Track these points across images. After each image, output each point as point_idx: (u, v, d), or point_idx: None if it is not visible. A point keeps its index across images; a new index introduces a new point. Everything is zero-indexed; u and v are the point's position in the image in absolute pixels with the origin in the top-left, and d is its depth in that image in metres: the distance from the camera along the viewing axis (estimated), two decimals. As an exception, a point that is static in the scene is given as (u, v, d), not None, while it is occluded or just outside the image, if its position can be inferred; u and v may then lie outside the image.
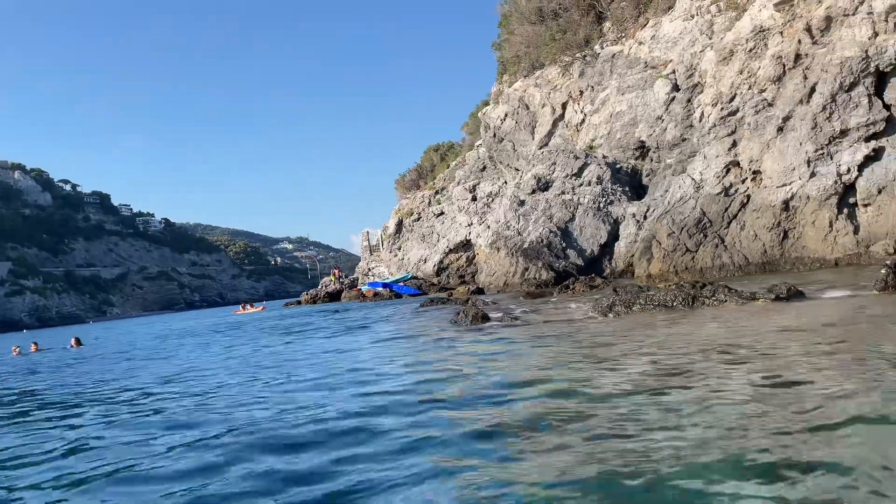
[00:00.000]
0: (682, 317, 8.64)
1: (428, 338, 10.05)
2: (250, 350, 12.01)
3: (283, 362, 9.18)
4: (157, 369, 10.49)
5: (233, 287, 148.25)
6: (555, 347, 7.44)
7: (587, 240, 22.22)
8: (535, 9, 30.51)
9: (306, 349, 10.85)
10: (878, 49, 14.04)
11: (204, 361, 10.83)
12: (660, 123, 22.46)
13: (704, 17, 21.88)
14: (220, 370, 9.07)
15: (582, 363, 6.13)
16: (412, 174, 48.64)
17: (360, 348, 10.14)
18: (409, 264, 39.36)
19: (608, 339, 7.53)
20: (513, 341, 8.37)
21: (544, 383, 5.29)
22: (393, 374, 7.04)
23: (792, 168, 14.97)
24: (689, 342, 6.52)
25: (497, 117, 30.00)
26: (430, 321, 13.03)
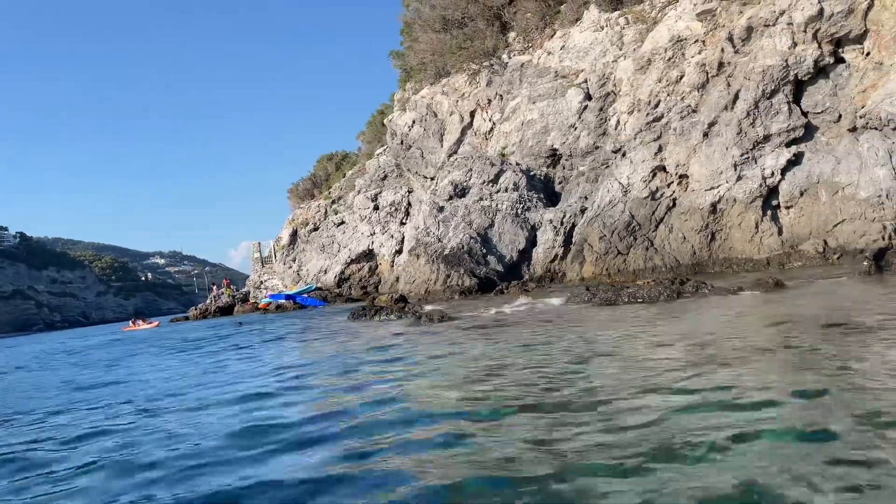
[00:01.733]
0: (681, 309, 8.40)
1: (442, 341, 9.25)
2: (212, 364, 10.70)
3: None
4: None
5: (98, 305, 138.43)
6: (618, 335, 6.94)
7: (506, 246, 22.06)
8: (440, 17, 30.32)
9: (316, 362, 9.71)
10: (798, 58, 14.71)
11: (210, 385, 9.50)
12: (573, 131, 22.73)
13: (614, 28, 22.39)
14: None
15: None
16: (306, 183, 47.13)
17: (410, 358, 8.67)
18: (307, 275, 37.93)
19: (642, 327, 7.12)
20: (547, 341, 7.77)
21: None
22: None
23: (719, 172, 15.39)
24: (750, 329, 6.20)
25: (404, 124, 29.46)
26: (390, 329, 12.17)
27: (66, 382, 9.41)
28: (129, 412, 5.87)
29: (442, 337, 8.64)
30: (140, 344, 19.18)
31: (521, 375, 5.16)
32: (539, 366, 5.43)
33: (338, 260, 36.75)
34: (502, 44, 27.87)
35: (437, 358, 6.74)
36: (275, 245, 45.78)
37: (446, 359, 6.64)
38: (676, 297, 9.05)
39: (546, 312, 9.90)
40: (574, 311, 9.52)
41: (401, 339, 9.16)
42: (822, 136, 14.80)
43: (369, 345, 8.92)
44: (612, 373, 4.87)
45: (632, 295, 9.32)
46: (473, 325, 9.67)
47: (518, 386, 4.79)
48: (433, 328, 9.94)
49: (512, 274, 21.88)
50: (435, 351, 7.27)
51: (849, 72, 14.52)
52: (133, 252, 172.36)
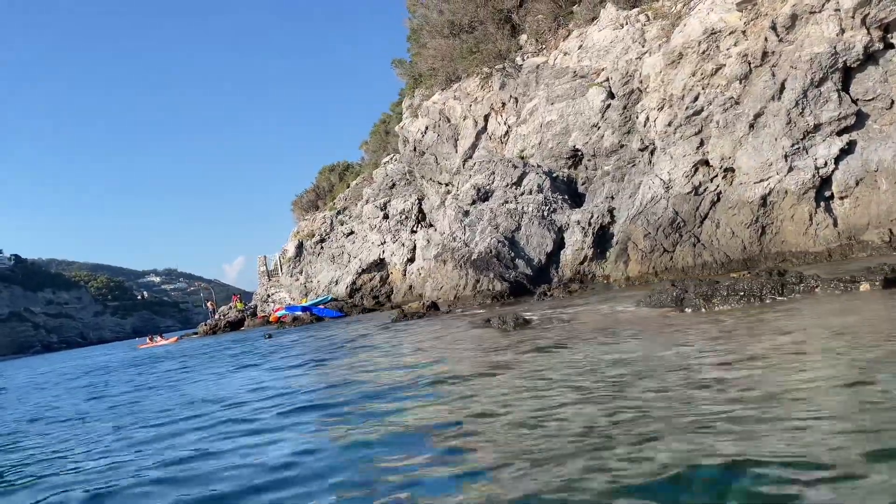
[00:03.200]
0: (806, 307, 7.63)
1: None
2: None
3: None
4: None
5: (96, 325, 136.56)
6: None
7: (534, 249, 21.31)
8: (448, 22, 29.66)
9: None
10: (847, 45, 14.11)
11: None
12: (596, 131, 22.06)
13: (635, 25, 21.78)
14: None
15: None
16: (310, 195, 46.27)
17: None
18: (318, 287, 37.05)
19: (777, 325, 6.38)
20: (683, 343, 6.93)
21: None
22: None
23: (769, 163, 14.73)
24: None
25: (417, 130, 28.72)
26: (468, 332, 11.30)
27: (183, 396, 8.56)
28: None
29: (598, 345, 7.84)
30: (180, 359, 18.22)
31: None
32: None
33: (349, 270, 35.94)
34: (514, 46, 27.22)
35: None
36: (280, 258, 44.86)
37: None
38: (781, 290, 8.31)
39: (652, 315, 9.11)
40: (687, 314, 8.74)
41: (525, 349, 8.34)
42: (875, 124, 14.19)
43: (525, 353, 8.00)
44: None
45: (730, 289, 8.57)
46: (593, 329, 8.88)
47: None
48: (543, 333, 9.12)
49: (541, 277, 21.14)
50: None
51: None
52: (128, 271, 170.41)
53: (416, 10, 32.30)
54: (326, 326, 23.92)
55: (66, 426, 7.40)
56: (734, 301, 8.48)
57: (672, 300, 9.09)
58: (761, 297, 8.37)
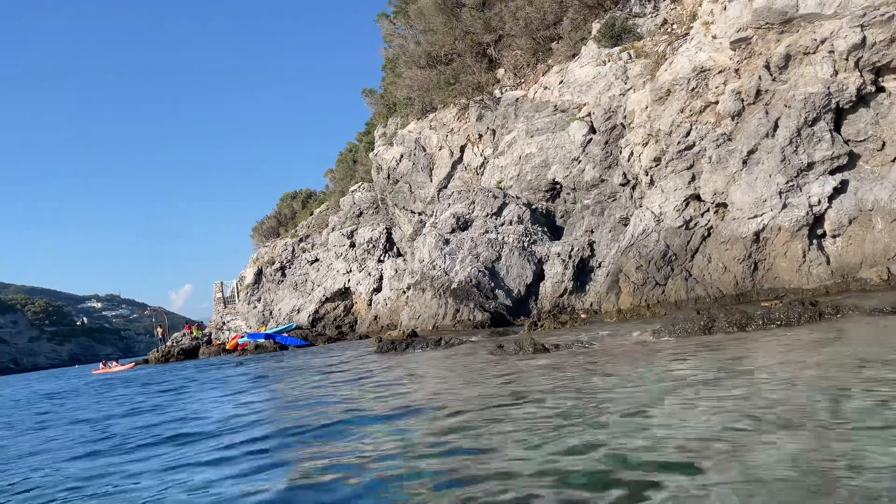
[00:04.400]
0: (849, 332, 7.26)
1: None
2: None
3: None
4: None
5: (30, 351, 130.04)
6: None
7: (513, 280, 20.86)
8: (425, 53, 29.48)
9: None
10: (840, 86, 14.23)
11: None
12: (576, 165, 21.94)
13: (617, 63, 21.88)
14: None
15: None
16: (270, 221, 45.09)
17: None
18: (279, 315, 35.82)
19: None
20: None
21: None
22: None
23: (763, 199, 14.65)
24: None
25: (391, 158, 28.20)
26: (471, 360, 10.66)
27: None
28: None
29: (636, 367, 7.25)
30: (155, 384, 16.92)
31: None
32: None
33: (312, 298, 34.92)
34: (491, 79, 27.11)
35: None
36: (238, 284, 43.41)
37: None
38: (819, 318, 7.97)
39: (683, 344, 8.62)
40: (716, 340, 8.29)
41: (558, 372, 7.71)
42: (866, 165, 14.28)
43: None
44: None
45: (766, 317, 8.19)
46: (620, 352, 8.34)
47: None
48: (566, 359, 8.53)
49: (520, 309, 20.67)
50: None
51: (890, 100, 14.10)
52: (67, 295, 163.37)
53: (392, 39, 32.09)
54: (294, 355, 22.86)
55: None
56: (772, 328, 8.08)
57: (700, 329, 8.66)
58: (799, 324, 8.00)
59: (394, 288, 31.46)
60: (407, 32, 30.97)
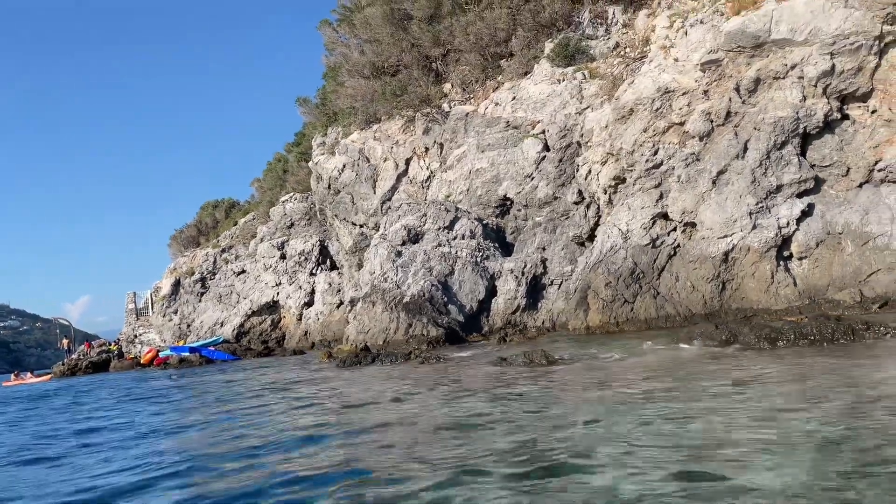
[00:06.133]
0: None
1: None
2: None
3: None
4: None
5: None
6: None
7: (466, 295, 20.05)
8: (370, 63, 28.52)
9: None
10: (808, 112, 14.35)
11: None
12: (529, 181, 21.49)
13: (572, 82, 21.69)
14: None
15: None
16: (190, 230, 42.53)
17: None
18: (200, 328, 33.53)
19: None
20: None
21: None
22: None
23: (733, 220, 14.53)
24: None
25: (333, 168, 26.94)
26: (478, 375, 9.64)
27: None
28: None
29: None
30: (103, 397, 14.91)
31: None
32: None
33: (237, 312, 32.94)
34: (438, 93, 26.45)
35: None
36: (153, 295, 40.58)
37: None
38: (851, 336, 7.56)
39: (714, 360, 8.00)
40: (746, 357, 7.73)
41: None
42: (831, 189, 14.43)
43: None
44: None
45: (797, 332, 7.72)
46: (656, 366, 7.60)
47: None
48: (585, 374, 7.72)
49: (471, 325, 19.89)
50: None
51: (854, 128, 14.34)
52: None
53: (335, 48, 30.97)
54: (223, 369, 21.13)
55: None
56: (804, 344, 7.62)
57: (721, 342, 8.11)
58: (833, 340, 7.57)
59: (327, 302, 30.04)
60: (351, 41, 29.94)
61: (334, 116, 29.84)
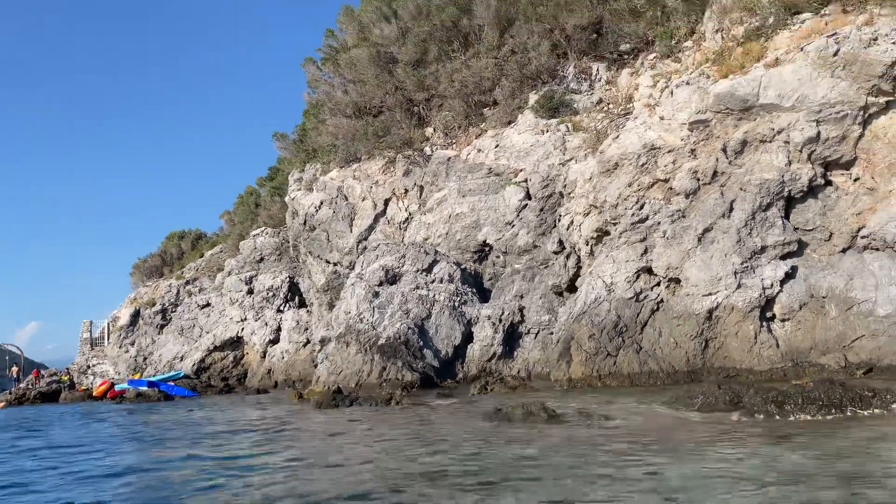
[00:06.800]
0: None
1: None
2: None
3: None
4: None
5: None
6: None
7: (442, 340, 19.63)
8: (353, 102, 28.45)
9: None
10: (793, 176, 14.54)
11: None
12: (510, 229, 21.37)
13: (556, 133, 21.82)
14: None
15: None
16: (154, 260, 41.37)
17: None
18: (158, 361, 32.29)
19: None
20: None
21: None
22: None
23: (718, 278, 14.51)
24: None
25: (310, 204, 26.51)
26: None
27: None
28: None
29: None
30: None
31: None
32: None
33: (198, 346, 31.85)
34: (420, 136, 26.42)
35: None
36: (110, 325, 39.11)
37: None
38: (860, 403, 7.39)
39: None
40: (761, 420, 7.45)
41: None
42: (814, 253, 14.55)
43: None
44: None
45: (806, 397, 7.52)
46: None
47: None
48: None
49: (446, 371, 19.44)
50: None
51: (837, 194, 14.55)
52: None
53: (318, 85, 30.84)
54: (203, 407, 20.17)
55: None
56: (812, 410, 7.41)
57: (726, 404, 7.87)
58: (841, 407, 7.38)
59: (293, 340, 29.22)
60: (335, 80, 29.87)
61: (313, 153, 29.53)
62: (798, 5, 17.10)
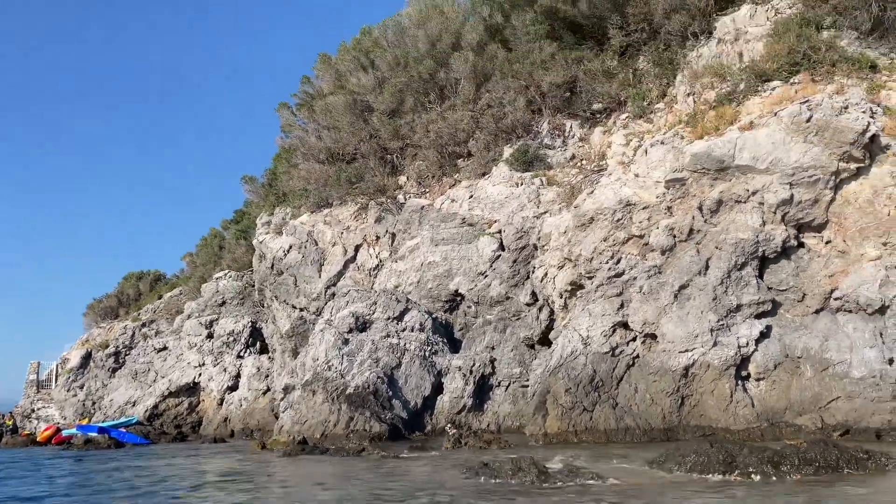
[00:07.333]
0: None
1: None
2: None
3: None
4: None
5: None
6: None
7: (411, 390, 19.14)
8: (326, 148, 28.33)
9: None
10: (768, 237, 14.73)
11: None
12: (483, 279, 21.20)
13: (530, 186, 21.95)
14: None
15: None
16: (110, 300, 40.01)
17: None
18: (109, 406, 30.89)
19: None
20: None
21: None
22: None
23: (695, 335, 14.48)
24: None
25: (279, 248, 26.01)
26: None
27: None
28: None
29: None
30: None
31: None
32: None
33: (152, 391, 30.64)
34: (393, 184, 26.33)
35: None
36: (59, 367, 37.45)
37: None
38: (856, 465, 7.25)
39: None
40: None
41: None
42: (787, 314, 14.65)
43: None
44: None
45: (802, 457, 7.35)
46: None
47: None
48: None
49: (414, 423, 18.90)
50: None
51: (809, 256, 14.76)
52: None
53: (291, 130, 30.71)
54: (143, 454, 19.16)
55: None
56: (809, 471, 7.25)
57: (720, 463, 7.66)
58: (838, 469, 7.23)
59: (253, 388, 28.28)
60: (309, 126, 29.77)
61: (284, 197, 29.20)
62: (768, 73, 17.71)
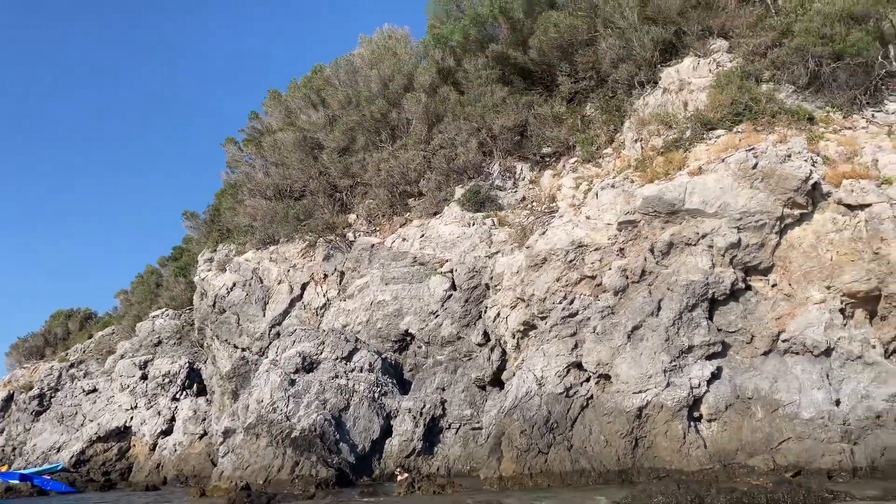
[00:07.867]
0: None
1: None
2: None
3: None
4: None
5: None
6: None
7: (359, 433, 18.52)
8: (273, 185, 27.85)
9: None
10: (717, 279, 15.00)
11: None
12: (434, 319, 20.94)
13: (482, 227, 21.96)
14: None
15: None
16: (36, 340, 37.87)
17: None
18: (31, 452, 28.92)
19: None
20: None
21: None
22: None
23: (648, 376, 14.49)
24: None
25: (222, 286, 25.16)
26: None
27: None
28: None
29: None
30: None
31: None
32: None
33: (79, 436, 28.94)
34: (343, 222, 25.97)
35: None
36: (-24, 409, 35.00)
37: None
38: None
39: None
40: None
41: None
42: (737, 355, 14.85)
43: None
44: None
45: (770, 499, 7.28)
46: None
47: None
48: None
49: (362, 467, 18.25)
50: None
51: (757, 298, 15.07)
52: None
53: (237, 166, 30.10)
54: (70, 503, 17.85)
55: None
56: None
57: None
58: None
59: (188, 432, 26.94)
60: (256, 162, 29.27)
61: (227, 233, 28.43)
62: (712, 122, 18.34)
